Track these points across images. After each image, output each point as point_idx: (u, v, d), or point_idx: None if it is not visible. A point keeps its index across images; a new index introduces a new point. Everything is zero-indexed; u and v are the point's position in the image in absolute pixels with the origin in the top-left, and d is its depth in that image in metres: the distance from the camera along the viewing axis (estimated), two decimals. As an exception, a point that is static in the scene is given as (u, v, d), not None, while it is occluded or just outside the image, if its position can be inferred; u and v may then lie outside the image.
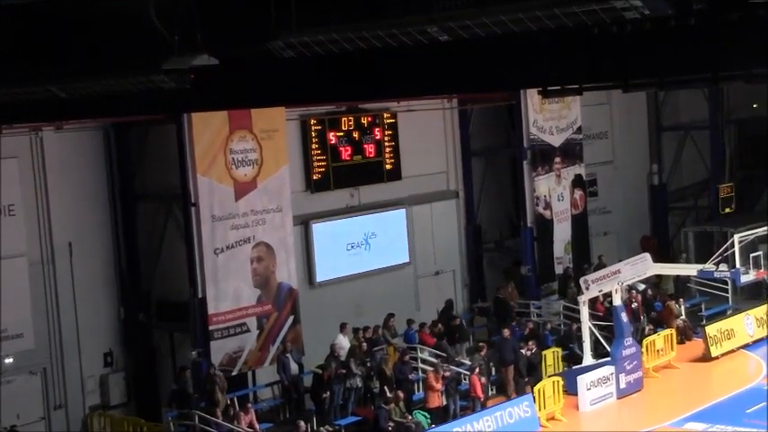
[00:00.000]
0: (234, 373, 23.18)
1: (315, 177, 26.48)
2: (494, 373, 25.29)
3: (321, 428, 21.92)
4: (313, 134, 26.42)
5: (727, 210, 35.42)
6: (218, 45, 13.86)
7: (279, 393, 23.80)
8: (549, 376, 24.76)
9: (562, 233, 32.06)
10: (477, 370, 23.76)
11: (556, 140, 31.92)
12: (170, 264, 23.72)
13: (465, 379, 24.23)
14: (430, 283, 29.20)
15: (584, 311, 26.00)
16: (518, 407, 22.99)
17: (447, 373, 23.46)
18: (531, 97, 30.53)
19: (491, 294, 29.97)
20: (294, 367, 23.81)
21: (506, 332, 25.29)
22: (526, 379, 24.62)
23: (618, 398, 25.01)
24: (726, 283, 30.32)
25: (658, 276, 30.11)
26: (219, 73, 14.84)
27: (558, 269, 31.62)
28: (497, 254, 31.54)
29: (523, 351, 25.28)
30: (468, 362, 24.79)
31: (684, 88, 34.21)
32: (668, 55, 11.89)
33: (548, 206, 31.64)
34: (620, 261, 26.95)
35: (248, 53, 13.63)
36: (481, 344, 25.39)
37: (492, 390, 25.39)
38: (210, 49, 13.73)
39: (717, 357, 28.05)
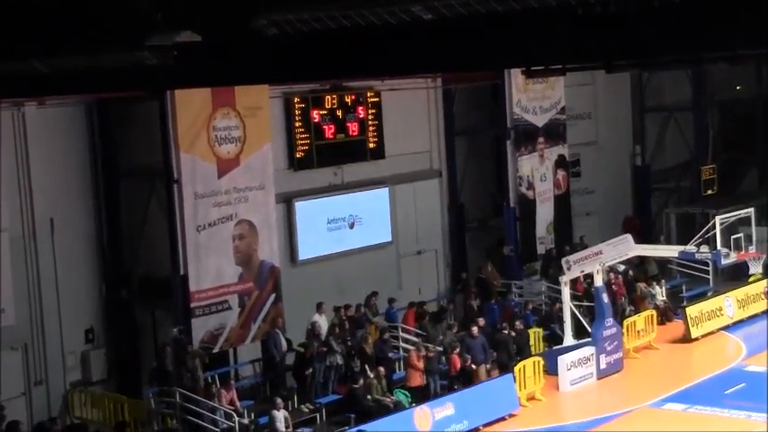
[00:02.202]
0: (215, 351, 23.19)
1: (298, 155, 26.42)
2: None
3: (302, 406, 21.96)
4: (296, 112, 26.35)
5: (709, 191, 35.58)
6: (202, 21, 13.79)
7: (260, 371, 23.82)
8: (531, 356, 24.83)
9: (545, 213, 32.15)
10: (456, 349, 23.83)
11: (539, 120, 31.96)
12: (153, 241, 23.67)
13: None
14: (412, 262, 29.24)
15: (566, 292, 26.10)
16: (499, 386, 23.03)
17: (431, 354, 23.52)
18: (515, 77, 30.54)
19: (473, 274, 30.04)
20: (284, 343, 23.80)
21: (474, 329, 24.32)
22: (514, 362, 24.52)
23: (598, 378, 25.14)
24: (707, 265, 30.44)
25: (641, 257, 30.23)
26: (203, 50, 14.77)
27: (541, 249, 31.74)
28: (480, 233, 31.59)
29: (506, 332, 25.31)
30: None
31: (667, 69, 34.40)
32: (651, 36, 11.89)
33: (531, 186, 31.71)
34: (603, 242, 27.01)
35: (232, 30, 13.57)
36: (452, 323, 25.40)
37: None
38: (194, 25, 13.65)
39: (697, 338, 28.24)
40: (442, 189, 30.53)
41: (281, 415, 20.61)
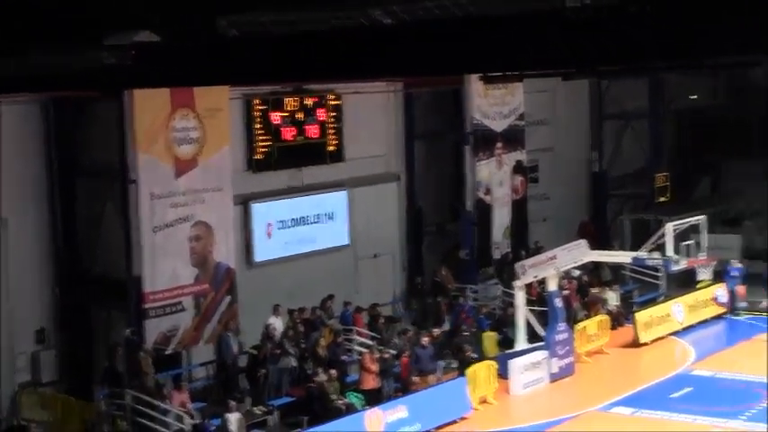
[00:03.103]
0: (167, 352, 23.21)
1: (257, 157, 26.51)
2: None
3: (255, 408, 22.04)
4: (256, 114, 26.44)
5: (662, 198, 36.10)
6: (161, 22, 13.89)
7: (213, 373, 23.87)
8: (484, 360, 25.06)
9: (501, 218, 32.49)
10: (407, 352, 24.01)
11: (498, 126, 32.29)
12: (109, 241, 23.64)
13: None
14: (369, 265, 29.39)
15: (520, 296, 26.37)
16: (451, 389, 23.25)
17: (386, 356, 23.70)
18: (476, 83, 30.83)
19: (430, 278, 30.26)
20: (235, 346, 23.86)
21: (425, 340, 24.22)
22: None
23: (550, 382, 25.44)
24: (658, 271, 30.86)
25: (595, 263, 30.58)
26: (162, 50, 14.87)
27: (497, 254, 32.05)
28: (437, 238, 31.82)
29: (466, 334, 25.54)
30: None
31: (624, 78, 34.88)
32: (609, 44, 12.06)
33: (488, 191, 32.02)
34: (558, 247, 27.32)
35: (192, 31, 13.67)
36: (408, 327, 25.59)
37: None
38: (153, 25, 13.75)
39: (647, 343, 28.63)
40: (401, 193, 30.72)
41: (233, 417, 20.67)
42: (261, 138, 26.48)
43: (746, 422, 21.82)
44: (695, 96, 40.21)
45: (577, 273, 30.40)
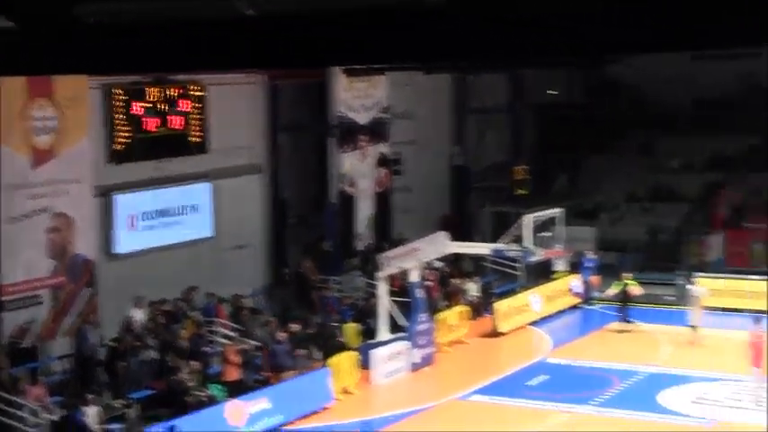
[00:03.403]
0: (23, 346, 22.78)
1: (118, 148, 26.09)
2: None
3: (114, 401, 21.82)
4: (117, 104, 26.05)
5: (521, 191, 36.99)
6: (18, 7, 13.62)
7: (71, 366, 23.54)
8: (346, 350, 25.31)
9: (365, 210, 32.86)
10: (283, 337, 24.11)
11: (362, 119, 32.63)
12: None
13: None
14: (233, 257, 29.35)
15: (382, 287, 26.73)
16: (313, 380, 23.45)
17: (248, 348, 23.74)
18: (340, 75, 31.07)
19: (294, 269, 30.37)
20: (94, 338, 23.57)
21: (281, 335, 24.26)
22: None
23: (411, 372, 25.89)
24: (517, 262, 31.65)
25: (456, 254, 31.17)
26: (18, 37, 14.57)
27: (360, 245, 32.40)
28: (301, 229, 31.95)
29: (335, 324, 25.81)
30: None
31: (485, 72, 35.62)
32: (468, 39, 12.33)
33: (352, 183, 32.34)
34: (420, 239, 27.79)
35: (50, 17, 13.44)
36: (271, 319, 25.68)
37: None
38: (8, 10, 13.48)
39: (505, 333, 29.37)
40: (265, 184, 30.74)
41: (91, 410, 20.41)
42: (122, 128, 26.11)
43: (598, 407, 22.61)
44: (554, 92, 41.31)
45: (439, 264, 30.95)
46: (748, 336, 22.66)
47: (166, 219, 27.39)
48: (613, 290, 30.02)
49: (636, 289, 29.41)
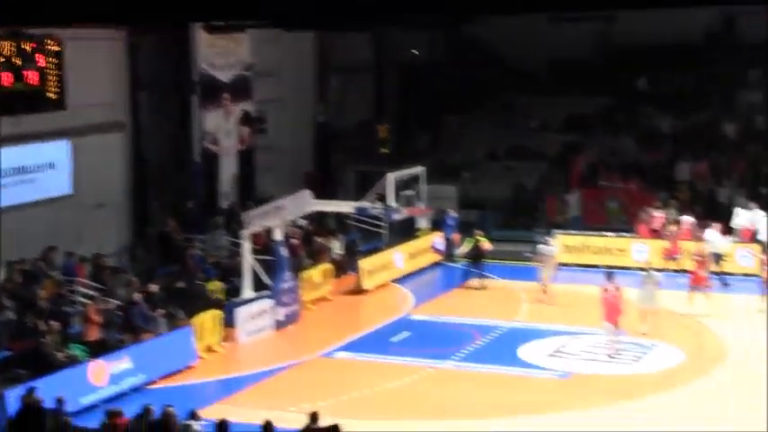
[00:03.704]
0: None
1: (-29, 104, 25.32)
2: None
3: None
4: (-31, 59, 25.21)
5: (384, 150, 37.33)
6: None
7: None
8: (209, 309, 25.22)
9: (229, 168, 32.67)
10: (138, 297, 23.84)
11: (225, 76, 32.37)
12: None
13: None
14: (93, 216, 28.83)
15: (246, 246, 26.69)
16: (176, 339, 23.34)
17: (110, 307, 23.44)
18: (201, 32, 30.68)
19: (157, 228, 30.05)
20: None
21: (137, 296, 23.80)
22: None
23: (275, 329, 25.99)
24: (380, 220, 31.97)
25: (320, 212, 31.31)
26: None
27: (224, 204, 32.24)
28: (164, 188, 31.57)
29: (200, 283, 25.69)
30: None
31: (346, 31, 35.73)
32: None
33: (215, 141, 32.10)
34: (284, 197, 27.80)
35: None
36: (133, 278, 25.40)
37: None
38: None
39: (369, 290, 29.72)
40: (126, 142, 30.22)
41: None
42: (-25, 83, 25.28)
43: (459, 362, 23.12)
44: (416, 51, 41.66)
45: (303, 222, 31.06)
46: (600, 291, 23.43)
47: (23, 176, 26.73)
48: (466, 247, 30.63)
49: (486, 244, 30.04)
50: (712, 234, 29.38)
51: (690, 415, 19.63)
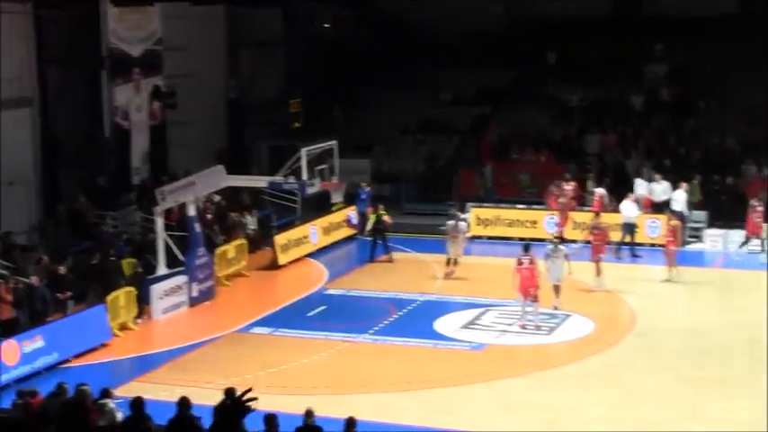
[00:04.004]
0: None
1: None
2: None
3: None
4: None
5: (296, 124, 37.29)
6: None
7: None
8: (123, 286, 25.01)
9: (140, 144, 32.34)
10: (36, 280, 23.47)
11: (135, 51, 32.01)
12: None
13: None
14: (3, 193, 28.30)
15: (159, 222, 26.54)
16: (90, 317, 23.10)
17: (21, 286, 23.09)
18: (110, 6, 30.26)
19: (68, 205, 29.62)
20: None
21: (34, 279, 23.24)
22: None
23: (190, 306, 25.89)
24: (295, 195, 31.96)
25: (234, 188, 31.18)
26: None
27: (136, 180, 31.92)
28: (75, 164, 31.13)
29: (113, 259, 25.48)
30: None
31: (256, 5, 35.57)
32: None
33: (126, 117, 31.73)
34: (197, 173, 27.62)
35: None
36: (44, 256, 25.04)
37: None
38: None
39: (285, 265, 29.75)
40: (34, 118, 29.71)
41: None
42: None
43: (375, 336, 23.29)
44: (328, 25, 41.61)
45: (217, 198, 30.92)
46: (514, 263, 23.73)
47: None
48: (370, 223, 30.85)
49: (387, 218, 30.30)
50: (627, 205, 29.89)
51: (601, 382, 20.09)
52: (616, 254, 28.72)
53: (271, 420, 13.32)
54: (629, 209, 29.87)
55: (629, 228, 29.56)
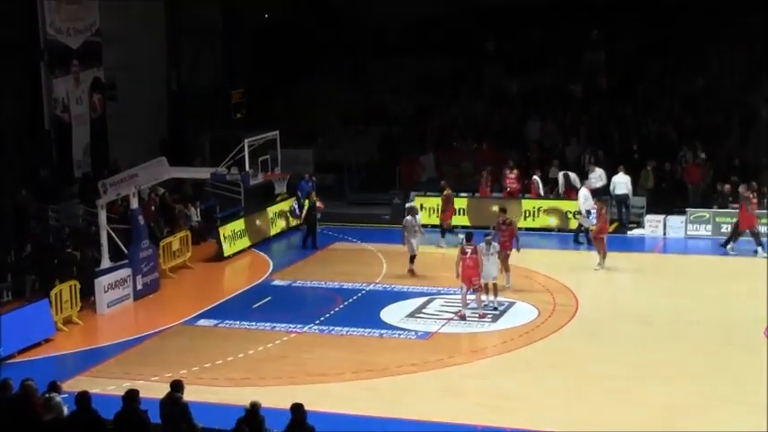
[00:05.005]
0: None
1: None
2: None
3: None
4: None
5: (239, 115, 37.22)
6: None
7: None
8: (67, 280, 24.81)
9: (81, 137, 32.10)
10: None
11: (74, 42, 31.77)
12: None
13: None
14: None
15: (102, 215, 26.39)
16: (33, 312, 22.89)
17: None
18: (48, -3, 30.03)
19: (9, 199, 29.29)
20: None
21: None
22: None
23: (135, 299, 25.77)
24: (239, 186, 31.88)
25: (177, 180, 31.04)
26: None
27: (78, 173, 31.67)
28: (15, 157, 30.77)
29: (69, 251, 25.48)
30: None
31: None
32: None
33: (66, 109, 31.47)
34: (139, 165, 27.46)
35: None
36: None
37: (8, 295, 25.27)
38: None
39: (230, 257, 29.72)
40: (-28, 110, 29.40)
41: None
42: None
43: (321, 326, 23.33)
44: (267, 15, 41.48)
45: (161, 190, 30.78)
46: (458, 252, 23.87)
47: None
48: (305, 212, 30.95)
49: (320, 204, 30.51)
50: (584, 192, 29.86)
51: (546, 368, 20.35)
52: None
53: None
54: (586, 195, 29.62)
55: (588, 214, 29.42)
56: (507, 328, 22.90)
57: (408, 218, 27.39)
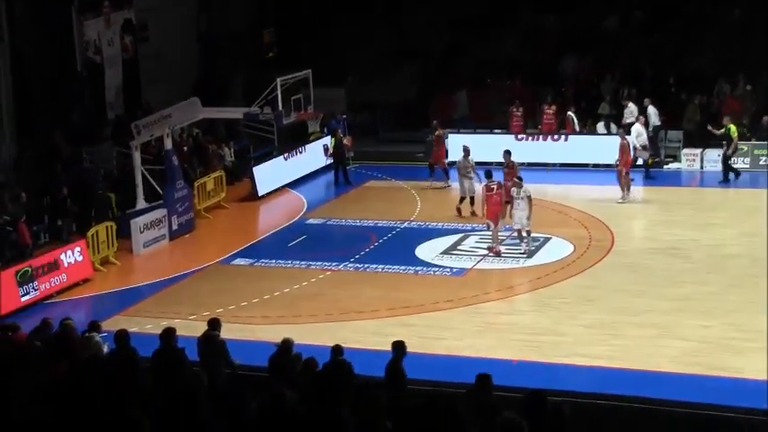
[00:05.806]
0: None
1: None
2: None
3: None
4: None
5: (270, 54, 36.94)
6: None
7: None
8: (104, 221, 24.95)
9: (114, 78, 32.04)
10: (23, 218, 23.44)
11: (103, -16, 31.53)
12: None
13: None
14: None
15: (137, 156, 26.46)
16: (71, 252, 23.07)
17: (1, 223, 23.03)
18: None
19: (44, 141, 29.42)
20: None
21: None
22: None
23: (170, 239, 25.91)
24: (272, 126, 31.83)
25: (210, 120, 31.04)
26: None
27: (111, 115, 31.71)
28: (49, 100, 30.79)
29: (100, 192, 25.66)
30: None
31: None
32: None
33: (98, 51, 31.40)
34: (172, 106, 27.45)
35: None
36: (22, 193, 24.93)
37: (45, 237, 25.47)
38: None
39: (264, 196, 29.75)
40: (5, 53, 29.35)
41: None
42: None
43: (356, 263, 23.37)
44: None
45: (194, 131, 30.78)
46: (482, 190, 23.74)
47: None
48: (331, 148, 30.88)
49: (347, 141, 30.41)
50: (637, 127, 29.35)
51: (581, 303, 20.29)
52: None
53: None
54: (641, 131, 28.99)
55: (645, 149, 28.95)
56: (543, 264, 22.81)
57: (460, 159, 26.95)
